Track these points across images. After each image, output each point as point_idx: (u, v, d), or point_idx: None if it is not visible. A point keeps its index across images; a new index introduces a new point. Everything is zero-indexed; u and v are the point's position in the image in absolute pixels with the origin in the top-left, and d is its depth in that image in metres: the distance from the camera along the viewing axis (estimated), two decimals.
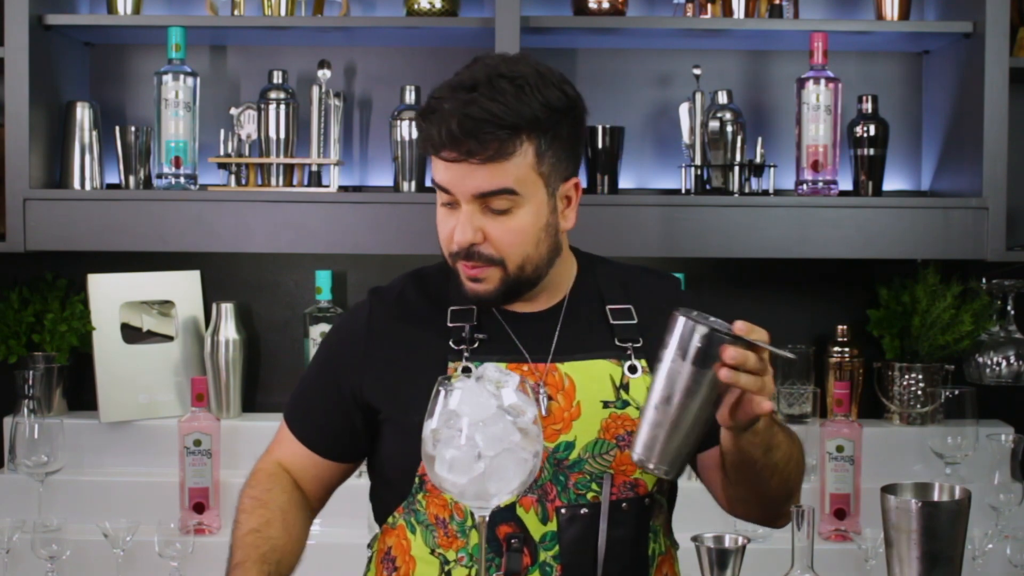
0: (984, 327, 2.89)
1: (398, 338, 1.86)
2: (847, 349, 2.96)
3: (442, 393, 1.49)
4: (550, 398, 1.79)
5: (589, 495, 1.78)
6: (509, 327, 1.85)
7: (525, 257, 1.79)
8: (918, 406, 2.91)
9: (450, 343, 1.82)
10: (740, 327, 1.56)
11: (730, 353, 1.53)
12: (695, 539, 1.54)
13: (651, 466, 1.58)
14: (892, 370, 2.94)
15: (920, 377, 2.91)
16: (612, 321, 1.86)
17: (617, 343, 1.85)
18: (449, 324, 1.84)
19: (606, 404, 1.81)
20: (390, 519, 1.86)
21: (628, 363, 1.83)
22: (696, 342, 1.54)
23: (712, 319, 1.58)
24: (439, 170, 1.76)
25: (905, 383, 2.92)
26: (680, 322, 1.56)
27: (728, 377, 1.54)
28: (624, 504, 1.80)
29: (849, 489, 2.77)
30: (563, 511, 1.77)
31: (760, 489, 1.77)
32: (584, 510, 1.78)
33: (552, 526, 1.77)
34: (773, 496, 1.79)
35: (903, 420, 2.93)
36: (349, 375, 1.87)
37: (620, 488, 1.80)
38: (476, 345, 1.82)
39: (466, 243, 1.76)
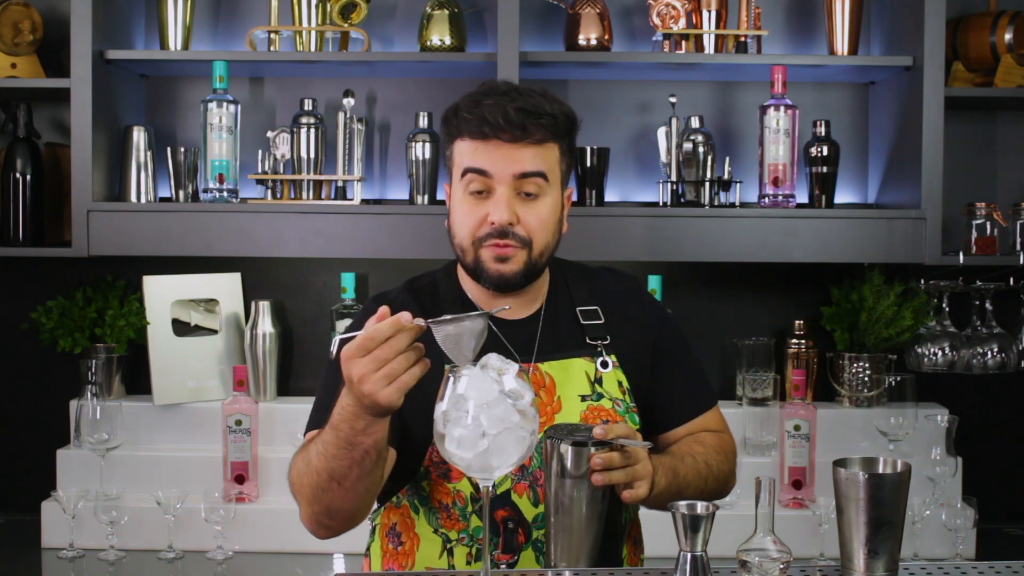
0: (922, 322, 2.89)
1: None
2: (803, 341, 2.96)
3: (451, 379, 1.48)
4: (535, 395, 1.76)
5: None
6: (498, 332, 1.80)
7: (545, 244, 1.77)
8: (865, 390, 2.91)
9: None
10: (599, 432, 1.58)
11: (596, 461, 1.57)
12: (671, 507, 1.53)
13: (568, 573, 1.60)
14: (842, 359, 2.94)
15: (867, 365, 2.91)
16: (583, 322, 1.84)
17: (588, 341, 1.83)
18: None
19: (584, 398, 1.79)
20: (394, 499, 1.82)
21: (600, 359, 1.81)
22: (566, 459, 1.58)
23: (579, 428, 1.63)
24: (481, 155, 1.73)
25: (854, 370, 2.92)
26: (547, 445, 1.59)
27: (601, 481, 1.58)
28: None
29: (805, 463, 2.77)
30: None
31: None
32: None
33: (542, 508, 1.74)
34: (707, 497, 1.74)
35: (852, 403, 2.93)
36: None
37: None
38: None
39: (505, 222, 1.72)
